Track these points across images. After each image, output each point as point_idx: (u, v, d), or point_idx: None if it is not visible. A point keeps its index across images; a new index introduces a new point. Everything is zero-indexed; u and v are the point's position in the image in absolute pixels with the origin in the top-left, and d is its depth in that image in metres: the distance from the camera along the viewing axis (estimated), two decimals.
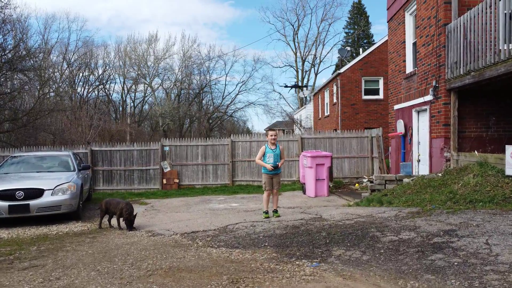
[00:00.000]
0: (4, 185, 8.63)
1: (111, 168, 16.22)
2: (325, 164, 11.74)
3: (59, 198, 8.66)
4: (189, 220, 8.21)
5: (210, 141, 16.74)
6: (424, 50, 10.29)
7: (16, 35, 20.84)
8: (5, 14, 17.82)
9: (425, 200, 7.01)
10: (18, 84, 24.82)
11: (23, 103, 27.84)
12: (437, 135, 9.58)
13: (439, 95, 9.44)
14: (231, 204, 10.92)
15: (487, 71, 7.32)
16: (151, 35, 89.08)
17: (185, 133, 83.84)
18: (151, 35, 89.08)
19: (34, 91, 29.06)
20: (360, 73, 21.81)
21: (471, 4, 9.05)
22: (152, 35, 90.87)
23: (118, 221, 7.40)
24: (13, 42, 21.60)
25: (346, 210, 7.28)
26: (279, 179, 7.51)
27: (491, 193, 6.21)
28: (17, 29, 23.37)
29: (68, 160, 10.75)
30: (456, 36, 8.63)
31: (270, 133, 7.40)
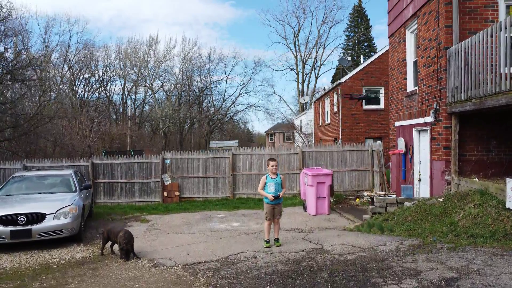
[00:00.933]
0: (6, 209, 8.66)
1: (112, 180, 16.26)
2: (326, 183, 11.76)
3: (61, 222, 8.69)
4: (190, 246, 8.23)
5: (211, 154, 16.77)
6: (425, 71, 10.31)
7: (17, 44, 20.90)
8: (6, 26, 17.86)
9: (426, 230, 7.02)
10: (18, 91, 24.88)
11: (24, 110, 27.89)
12: (438, 157, 9.59)
13: (440, 117, 9.45)
14: (232, 223, 10.94)
15: (488, 100, 7.33)
16: (151, 37, 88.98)
17: (185, 135, 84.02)
18: (151, 37, 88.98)
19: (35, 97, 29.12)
20: (360, 83, 21.84)
21: (472, 28, 9.09)
22: (153, 37, 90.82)
23: (120, 250, 7.41)
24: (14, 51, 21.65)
25: (348, 240, 7.29)
26: (280, 208, 7.52)
27: (492, 228, 6.23)
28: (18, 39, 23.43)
29: (70, 180, 10.78)
30: (457, 61, 8.64)
31: (271, 163, 7.42)
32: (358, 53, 72.12)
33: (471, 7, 9.11)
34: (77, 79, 67.74)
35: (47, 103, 26.81)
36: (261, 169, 16.21)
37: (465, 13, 9.09)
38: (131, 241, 7.22)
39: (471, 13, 9.10)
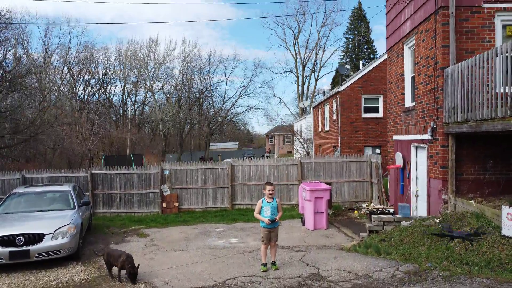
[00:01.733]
0: (5, 229, 8.69)
1: (111, 191, 16.29)
2: (324, 197, 11.79)
3: (59, 242, 8.73)
4: (188, 266, 8.26)
5: (210, 164, 16.80)
6: (423, 88, 10.34)
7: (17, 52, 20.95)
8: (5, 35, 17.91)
9: (422, 255, 7.06)
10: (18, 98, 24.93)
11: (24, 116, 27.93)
12: (435, 175, 9.62)
13: (437, 136, 9.49)
14: (230, 239, 10.98)
15: (484, 125, 7.37)
16: (151, 40, 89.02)
17: (185, 137, 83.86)
18: (151, 40, 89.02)
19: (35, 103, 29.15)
20: (359, 91, 21.87)
21: (469, 48, 9.13)
22: (153, 40, 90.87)
23: (119, 274, 7.44)
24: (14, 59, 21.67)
25: (344, 264, 7.32)
26: (276, 232, 7.55)
27: (487, 256, 6.26)
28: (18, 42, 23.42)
29: (68, 196, 10.82)
30: (453, 82, 8.68)
31: (268, 188, 7.46)
32: (358, 55, 72.30)
33: (468, 27, 9.14)
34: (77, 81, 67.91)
35: (47, 109, 26.79)
36: (260, 179, 16.25)
37: (462, 33, 9.12)
38: (134, 264, 7.24)
39: (468, 33, 9.14)
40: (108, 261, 7.61)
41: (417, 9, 10.51)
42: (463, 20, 9.12)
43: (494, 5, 9.11)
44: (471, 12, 9.12)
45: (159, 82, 75.54)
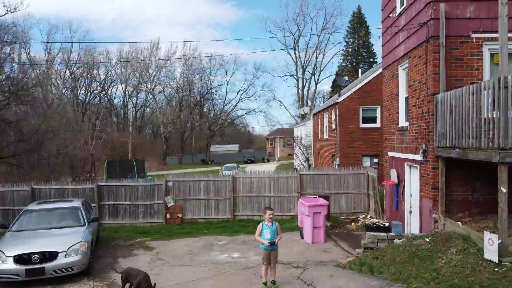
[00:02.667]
0: (22, 247, 9.25)
1: (116, 202, 16.85)
2: (321, 213, 12.33)
3: (72, 259, 9.28)
4: (193, 283, 8.83)
5: (212, 176, 17.36)
6: (415, 111, 10.88)
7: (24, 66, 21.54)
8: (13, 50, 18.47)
9: (411, 275, 7.60)
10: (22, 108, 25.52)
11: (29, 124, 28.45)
12: (426, 195, 10.17)
13: (428, 158, 10.03)
14: (232, 254, 11.51)
15: (470, 153, 7.91)
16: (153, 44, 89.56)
17: (186, 139, 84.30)
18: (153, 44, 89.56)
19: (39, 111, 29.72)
20: (358, 102, 22.43)
21: (459, 75, 9.68)
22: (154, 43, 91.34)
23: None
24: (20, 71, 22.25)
25: (339, 283, 7.88)
26: (276, 253, 8.08)
27: (470, 278, 6.80)
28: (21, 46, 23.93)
29: (78, 213, 11.36)
30: (443, 109, 9.22)
31: (268, 212, 7.99)
32: (357, 59, 72.92)
33: (457, 56, 9.68)
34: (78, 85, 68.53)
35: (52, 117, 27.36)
36: (260, 191, 16.80)
37: (452, 61, 9.66)
38: (151, 284, 7.76)
39: (457, 61, 9.67)
40: (126, 279, 8.14)
41: (410, 35, 11.06)
42: (453, 49, 9.65)
43: (482, 35, 9.64)
44: (460, 41, 9.66)
45: (160, 85, 76.19)
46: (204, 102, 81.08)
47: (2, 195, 16.88)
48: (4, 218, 16.84)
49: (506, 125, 6.96)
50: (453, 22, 9.61)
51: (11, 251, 9.11)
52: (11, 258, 8.98)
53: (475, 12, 9.55)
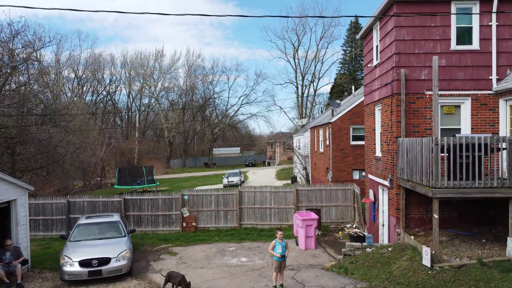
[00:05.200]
0: (83, 254, 12.22)
1: (140, 213, 19.84)
2: (313, 225, 15.29)
3: (121, 263, 12.27)
4: (214, 281, 11.78)
5: (222, 191, 20.31)
6: (386, 146, 13.85)
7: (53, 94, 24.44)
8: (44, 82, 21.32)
9: (373, 276, 10.57)
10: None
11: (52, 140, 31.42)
12: (392, 214, 13.14)
13: (393, 185, 13.00)
14: (241, 258, 14.47)
15: (417, 187, 10.87)
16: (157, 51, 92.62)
17: (189, 143, 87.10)
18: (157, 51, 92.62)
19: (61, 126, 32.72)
20: (348, 122, 25.37)
21: (416, 123, 12.62)
22: (159, 51, 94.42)
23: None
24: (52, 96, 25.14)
25: (322, 281, 10.84)
26: (285, 263, 10.85)
27: (411, 279, 9.75)
28: None
29: (119, 226, 14.34)
30: (402, 150, 12.18)
31: (279, 233, 10.76)
32: (355, 67, 75.79)
33: (415, 108, 12.63)
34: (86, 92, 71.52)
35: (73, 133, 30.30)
36: (262, 203, 19.78)
37: (410, 112, 12.61)
38: (187, 282, 10.67)
39: (414, 112, 12.62)
40: (168, 279, 11.07)
41: (381, 86, 14.01)
42: (411, 103, 12.60)
43: (433, 92, 12.57)
44: (417, 97, 12.61)
45: (164, 91, 79.19)
46: (206, 107, 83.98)
47: (43, 206, 19.87)
48: (44, 227, 19.88)
49: (437, 172, 9.90)
50: (411, 82, 12.57)
51: (76, 257, 12.10)
52: (77, 263, 11.97)
53: (428, 75, 12.49)
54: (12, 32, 21.24)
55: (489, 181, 9.89)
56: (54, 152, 27.77)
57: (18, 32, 21.16)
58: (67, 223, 19.62)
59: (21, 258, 12.54)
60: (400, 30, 12.53)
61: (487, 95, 12.44)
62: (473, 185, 9.85)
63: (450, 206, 12.58)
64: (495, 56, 12.36)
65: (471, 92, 12.47)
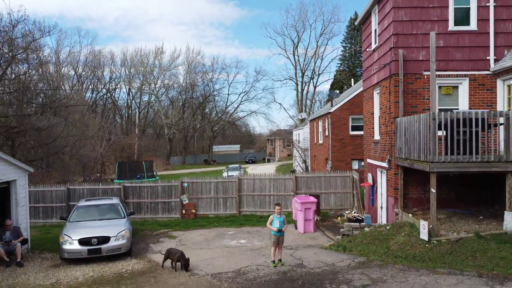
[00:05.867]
0: (82, 233, 12.28)
1: (139, 200, 19.89)
2: (311, 208, 15.35)
3: (120, 242, 12.32)
4: (212, 260, 11.83)
5: (221, 178, 20.37)
6: (384, 128, 13.91)
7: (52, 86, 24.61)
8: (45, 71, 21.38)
9: (371, 251, 10.63)
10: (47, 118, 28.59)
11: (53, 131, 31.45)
12: (390, 194, 13.20)
13: (391, 166, 13.06)
14: (240, 240, 14.53)
15: (415, 164, 10.94)
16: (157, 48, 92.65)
17: (189, 140, 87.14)
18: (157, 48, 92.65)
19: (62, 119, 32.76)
20: (347, 112, 25.44)
21: (413, 103, 12.69)
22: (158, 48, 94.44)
23: (175, 264, 10.88)
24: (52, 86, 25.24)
25: (320, 257, 10.90)
26: (283, 238, 10.91)
27: (408, 252, 9.82)
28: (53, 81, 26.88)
29: (119, 208, 14.39)
30: (400, 129, 12.24)
31: (277, 207, 10.84)
32: (354, 63, 75.91)
33: (413, 88, 12.70)
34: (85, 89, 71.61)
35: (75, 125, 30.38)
36: (261, 191, 19.83)
37: (408, 92, 12.68)
38: (187, 258, 10.73)
39: (413, 93, 12.69)
40: (167, 255, 11.13)
41: (380, 69, 14.08)
42: (409, 83, 12.67)
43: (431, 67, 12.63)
44: (415, 78, 12.68)
45: (164, 88, 79.24)
46: (206, 104, 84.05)
47: (43, 194, 19.92)
48: (44, 214, 19.93)
49: (435, 147, 9.97)
50: (410, 63, 12.63)
51: (76, 235, 12.16)
52: (76, 241, 12.03)
53: (426, 56, 12.55)
54: (12, 21, 21.27)
55: (486, 156, 9.96)
56: (53, 145, 27.84)
57: (18, 21, 21.19)
58: (67, 210, 19.63)
59: (21, 237, 12.61)
60: (398, 11, 12.59)
61: (484, 75, 12.51)
62: (471, 159, 9.92)
63: (448, 187, 12.65)
64: (493, 37, 12.43)
65: (469, 72, 12.54)
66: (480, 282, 7.70)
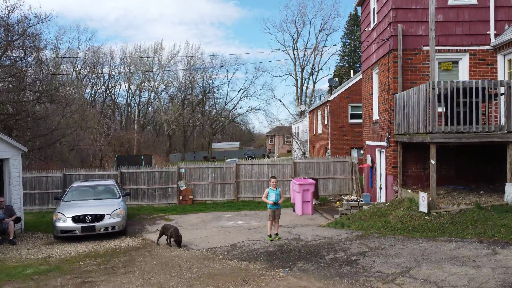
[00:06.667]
0: (76, 211, 12.08)
1: (136, 186, 19.68)
2: (309, 190, 15.14)
3: (114, 220, 12.12)
4: (208, 237, 11.63)
5: (219, 164, 20.18)
6: (383, 107, 13.70)
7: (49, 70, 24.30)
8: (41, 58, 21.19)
9: (369, 226, 10.43)
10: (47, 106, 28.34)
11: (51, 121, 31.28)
12: (389, 172, 12.99)
13: (390, 144, 12.85)
14: (237, 221, 14.34)
15: (414, 137, 10.73)
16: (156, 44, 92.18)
17: (188, 137, 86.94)
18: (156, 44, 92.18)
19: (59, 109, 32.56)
20: (346, 100, 25.22)
21: (413, 79, 12.48)
22: (158, 44, 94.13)
23: (169, 240, 10.70)
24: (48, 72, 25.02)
25: (318, 233, 10.69)
26: (279, 211, 10.73)
27: (407, 224, 9.61)
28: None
29: (114, 189, 14.19)
30: (399, 105, 12.03)
31: (272, 180, 10.67)
32: (354, 59, 75.59)
33: (412, 64, 12.49)
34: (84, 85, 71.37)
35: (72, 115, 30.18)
36: (260, 176, 19.62)
37: (408, 68, 12.47)
38: (180, 234, 10.53)
39: (412, 68, 12.48)
40: (162, 232, 10.92)
41: (379, 47, 13.86)
42: (408, 59, 12.46)
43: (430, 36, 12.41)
44: (414, 53, 12.47)
45: (163, 84, 78.98)
46: (206, 100, 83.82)
47: (38, 180, 19.70)
48: (40, 200, 19.71)
49: (434, 117, 9.76)
50: (409, 38, 12.42)
51: (69, 213, 11.95)
52: (70, 218, 11.82)
53: (426, 30, 12.34)
54: (8, 7, 21.06)
55: (487, 126, 9.75)
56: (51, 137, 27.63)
57: (14, 7, 20.98)
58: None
59: (14, 216, 12.41)
60: None
61: (485, 50, 12.31)
62: (471, 129, 9.71)
63: (448, 164, 12.45)
64: (493, 11, 12.22)
65: (469, 47, 12.34)
66: (481, 247, 7.49)
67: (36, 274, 8.25)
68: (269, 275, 7.17)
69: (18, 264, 9.28)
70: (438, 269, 6.43)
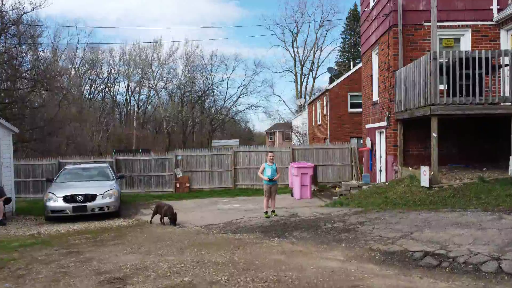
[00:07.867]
0: (68, 190, 11.76)
1: (132, 174, 19.34)
2: (308, 173, 14.81)
3: (107, 201, 11.78)
4: (203, 217, 11.30)
5: (216, 151, 19.84)
6: (383, 86, 13.37)
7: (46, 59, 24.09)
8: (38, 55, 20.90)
9: (369, 203, 10.10)
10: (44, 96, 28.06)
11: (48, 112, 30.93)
12: (390, 152, 12.66)
13: (390, 123, 12.52)
14: (234, 205, 14.01)
15: (415, 111, 10.40)
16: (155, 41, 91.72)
17: (188, 135, 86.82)
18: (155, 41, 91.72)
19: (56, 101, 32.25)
20: (346, 89, 24.88)
21: (413, 56, 12.11)
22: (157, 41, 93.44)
23: (162, 218, 10.38)
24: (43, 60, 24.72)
25: (316, 210, 10.38)
26: (275, 188, 10.44)
27: (408, 198, 9.29)
28: None
29: (108, 171, 13.86)
30: (399, 82, 11.70)
31: (269, 154, 10.38)
32: (354, 55, 75.20)
33: (413, 40, 12.15)
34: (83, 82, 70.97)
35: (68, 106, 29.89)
36: (258, 164, 19.19)
37: (408, 44, 12.13)
38: (175, 212, 10.20)
39: (412, 44, 12.15)
40: (156, 210, 10.60)
41: (379, 25, 13.54)
42: (409, 35, 12.12)
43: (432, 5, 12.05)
44: (415, 29, 12.13)
45: (162, 81, 78.59)
46: (205, 97, 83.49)
47: (32, 168, 19.36)
48: (34, 188, 19.35)
49: (436, 88, 9.43)
50: (409, 13, 12.09)
51: (61, 193, 11.62)
52: (61, 198, 11.49)
53: (427, 6, 12.00)
54: None
55: (490, 98, 9.43)
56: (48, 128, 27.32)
57: None
58: None
59: (4, 196, 12.08)
60: None
61: (487, 26, 11.97)
62: (474, 101, 9.38)
63: (450, 143, 12.10)
64: None
65: (471, 23, 12.00)
66: (486, 214, 7.16)
67: (21, 247, 7.93)
68: (263, 243, 6.87)
69: (4, 239, 8.96)
70: (441, 232, 6.13)
